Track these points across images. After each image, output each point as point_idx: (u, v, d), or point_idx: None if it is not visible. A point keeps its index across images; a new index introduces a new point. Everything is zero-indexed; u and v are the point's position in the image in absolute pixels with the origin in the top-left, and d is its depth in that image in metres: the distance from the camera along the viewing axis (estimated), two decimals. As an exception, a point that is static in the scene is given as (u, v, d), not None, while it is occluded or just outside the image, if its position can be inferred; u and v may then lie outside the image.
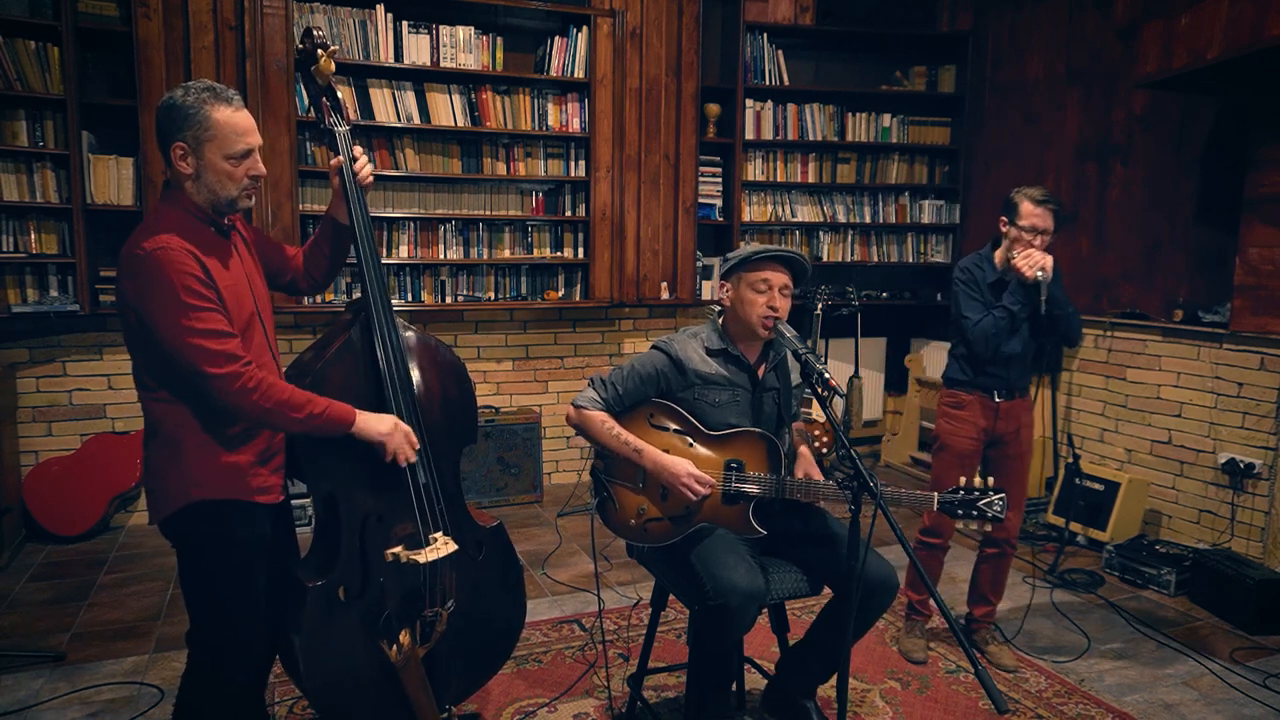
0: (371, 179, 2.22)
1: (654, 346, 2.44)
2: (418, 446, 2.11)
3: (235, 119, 1.88)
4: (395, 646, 2.15)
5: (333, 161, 2.17)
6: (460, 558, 2.27)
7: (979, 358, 2.99)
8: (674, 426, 2.36)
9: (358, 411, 2.00)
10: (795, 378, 2.49)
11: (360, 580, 2.15)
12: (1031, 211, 2.92)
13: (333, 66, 2.17)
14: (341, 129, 2.18)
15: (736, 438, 2.35)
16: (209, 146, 1.86)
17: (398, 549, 2.14)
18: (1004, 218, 3.00)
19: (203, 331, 1.80)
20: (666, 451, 2.31)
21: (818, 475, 2.41)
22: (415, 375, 2.23)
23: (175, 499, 1.93)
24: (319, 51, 2.14)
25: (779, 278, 2.33)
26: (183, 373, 1.82)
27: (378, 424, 2.02)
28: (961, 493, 2.21)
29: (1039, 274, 2.83)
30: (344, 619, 2.13)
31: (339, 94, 2.21)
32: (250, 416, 1.89)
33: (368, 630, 2.15)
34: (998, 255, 3.05)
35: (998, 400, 3.04)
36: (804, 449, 2.53)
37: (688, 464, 2.27)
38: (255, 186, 1.96)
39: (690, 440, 2.36)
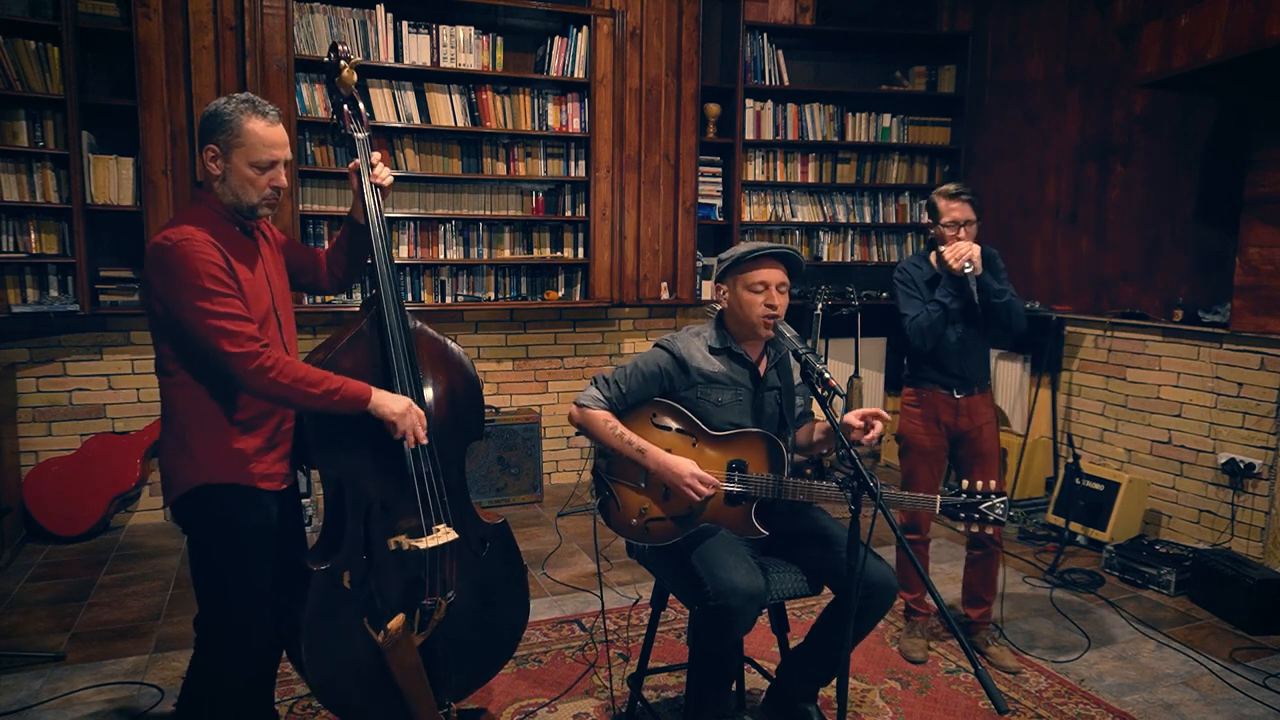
0: (390, 180, 2.32)
1: (657, 345, 2.44)
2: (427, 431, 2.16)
3: (267, 132, 1.99)
4: (383, 632, 2.15)
5: (351, 165, 2.27)
6: (463, 551, 2.30)
7: (920, 352, 3.08)
8: (677, 426, 2.36)
9: (373, 389, 2.07)
10: (797, 377, 2.49)
11: (363, 567, 2.17)
12: (949, 207, 3.02)
13: (354, 78, 2.28)
14: (361, 135, 2.29)
15: (739, 438, 2.35)
16: (237, 152, 1.98)
17: (400, 537, 2.18)
18: (929, 220, 3.10)
19: (222, 314, 1.90)
20: (669, 451, 2.31)
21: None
22: (424, 370, 2.28)
23: (183, 483, 2.01)
24: (341, 64, 2.26)
25: (775, 275, 2.33)
26: (204, 354, 1.92)
27: (392, 403, 2.08)
28: (963, 495, 2.20)
29: (966, 266, 2.92)
30: (347, 605, 2.15)
31: (360, 103, 2.32)
32: (269, 394, 1.96)
33: (367, 615, 2.17)
34: (934, 255, 3.13)
35: (957, 396, 3.09)
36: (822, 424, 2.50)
37: (691, 464, 2.27)
38: (276, 197, 2.07)
39: (693, 440, 2.36)
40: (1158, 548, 3.92)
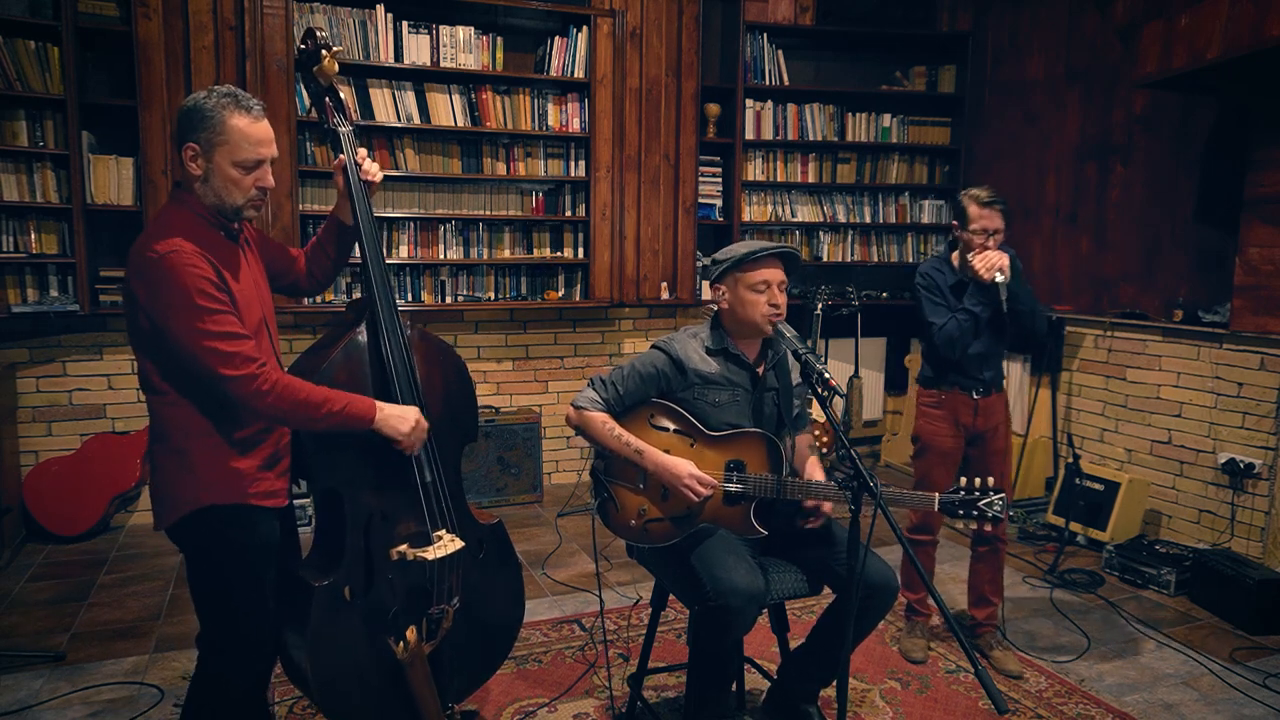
0: (380, 176, 2.22)
1: (654, 346, 2.43)
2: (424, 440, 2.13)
3: (252, 129, 1.87)
4: (402, 643, 2.15)
5: (335, 161, 2.18)
6: (464, 555, 2.28)
7: (946, 360, 3.03)
8: (674, 427, 2.36)
9: (379, 405, 2.00)
10: (795, 377, 2.49)
11: (365, 579, 2.15)
12: (979, 214, 2.94)
13: (336, 67, 2.17)
14: (344, 129, 2.18)
15: (737, 438, 2.35)
16: (220, 151, 1.85)
17: (403, 547, 2.15)
18: (955, 222, 3.03)
19: (217, 334, 1.79)
20: (667, 452, 2.31)
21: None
22: (419, 373, 2.23)
23: (183, 504, 1.92)
24: (322, 52, 2.14)
25: (776, 274, 2.33)
26: (198, 375, 1.82)
27: (399, 423, 2.02)
28: (961, 493, 2.21)
29: (997, 275, 2.87)
30: (349, 618, 2.13)
31: (342, 94, 2.22)
32: (268, 417, 1.89)
33: (374, 628, 2.15)
34: (955, 256, 3.09)
35: (976, 397, 3.06)
36: (813, 462, 2.51)
37: (689, 465, 2.27)
38: (262, 198, 1.95)
39: (691, 441, 2.35)
40: (1158, 548, 3.92)
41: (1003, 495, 2.19)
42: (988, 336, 3.02)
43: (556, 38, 4.78)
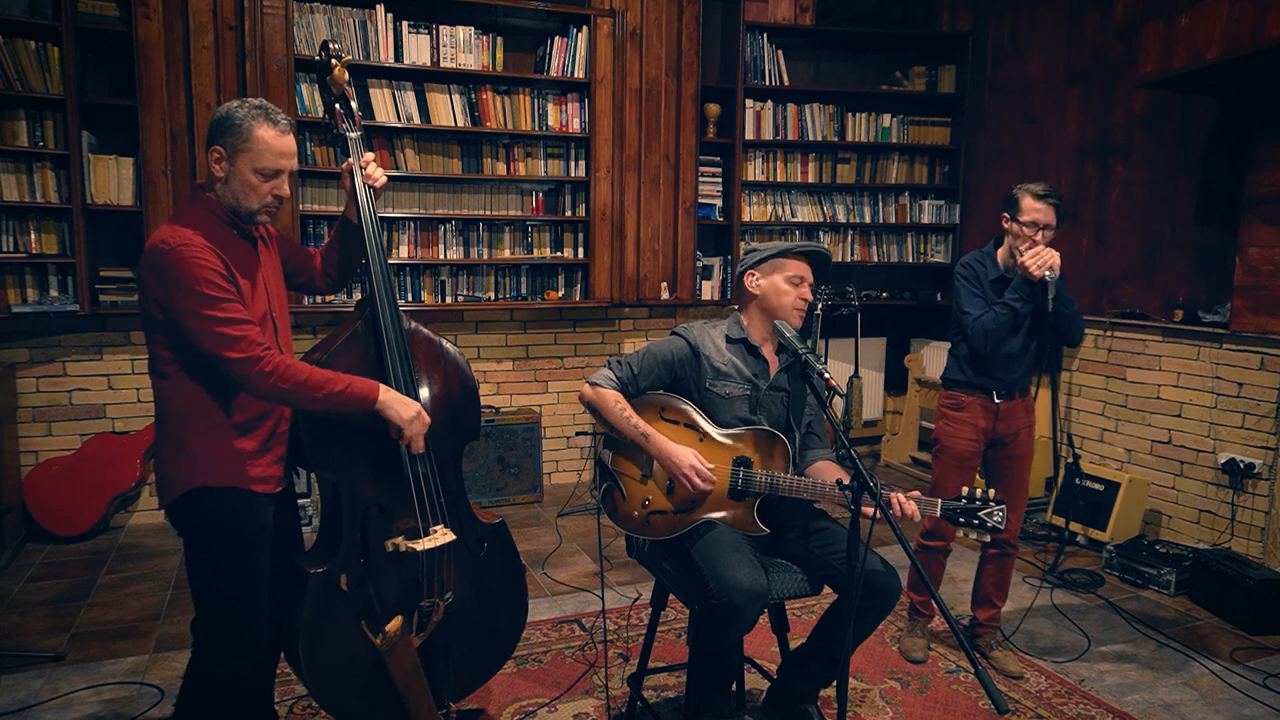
0: (384, 180, 2.31)
1: (673, 332, 2.50)
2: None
3: (276, 140, 1.98)
4: (381, 635, 2.16)
5: (344, 165, 2.26)
6: (461, 552, 2.31)
7: (979, 355, 2.96)
8: (685, 421, 2.39)
9: (383, 387, 2.05)
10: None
11: (360, 569, 2.17)
12: (1033, 206, 2.88)
13: (346, 76, 2.27)
14: (353, 134, 2.28)
15: (747, 435, 2.37)
16: (242, 157, 1.96)
17: (398, 539, 2.18)
18: (1005, 214, 2.97)
19: (223, 319, 1.88)
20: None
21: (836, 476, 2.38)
22: (420, 371, 2.27)
23: (178, 485, 2.00)
24: (333, 62, 2.24)
25: (810, 272, 2.47)
26: (204, 357, 1.91)
27: (402, 407, 2.07)
28: (964, 501, 2.22)
29: (1047, 272, 2.79)
30: (344, 608, 2.15)
31: (352, 102, 2.30)
32: (271, 397, 1.96)
33: (366, 618, 2.17)
34: (1000, 253, 3.03)
35: (998, 401, 3.01)
36: (828, 465, 2.50)
37: (691, 454, 2.29)
38: (277, 206, 2.05)
39: (700, 435, 2.37)
40: (1158, 548, 3.92)
41: (1004, 506, 2.19)
42: (1022, 336, 2.95)
43: (556, 38, 4.78)
